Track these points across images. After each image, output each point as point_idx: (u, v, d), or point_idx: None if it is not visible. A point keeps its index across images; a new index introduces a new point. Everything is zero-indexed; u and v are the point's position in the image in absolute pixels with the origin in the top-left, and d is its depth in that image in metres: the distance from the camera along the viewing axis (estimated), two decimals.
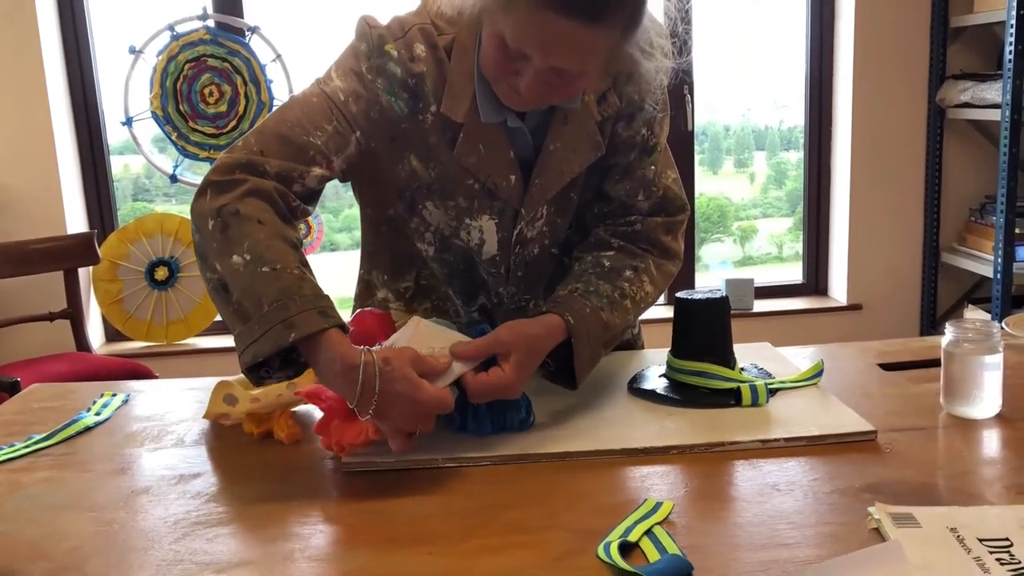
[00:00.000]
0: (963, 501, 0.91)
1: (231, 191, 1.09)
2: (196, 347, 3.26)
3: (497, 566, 0.84)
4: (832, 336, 3.34)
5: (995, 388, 1.13)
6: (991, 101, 2.99)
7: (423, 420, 1.03)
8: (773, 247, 3.91)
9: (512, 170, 1.21)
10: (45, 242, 2.86)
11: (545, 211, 1.27)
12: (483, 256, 1.29)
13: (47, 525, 0.95)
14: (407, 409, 1.01)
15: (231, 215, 1.07)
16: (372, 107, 1.19)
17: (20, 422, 1.28)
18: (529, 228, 1.27)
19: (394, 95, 1.18)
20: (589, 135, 1.22)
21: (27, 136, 3.02)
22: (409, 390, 1.00)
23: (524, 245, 1.29)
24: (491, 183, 1.21)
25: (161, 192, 3.60)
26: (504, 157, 1.21)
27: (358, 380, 0.99)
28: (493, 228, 1.26)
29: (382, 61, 1.17)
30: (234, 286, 1.05)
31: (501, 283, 1.33)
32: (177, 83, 3.08)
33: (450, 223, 1.27)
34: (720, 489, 0.97)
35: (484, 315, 1.36)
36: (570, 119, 1.21)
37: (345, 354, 1.00)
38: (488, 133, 1.19)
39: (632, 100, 1.24)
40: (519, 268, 1.31)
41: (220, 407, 1.18)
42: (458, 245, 1.29)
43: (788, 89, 3.58)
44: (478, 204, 1.24)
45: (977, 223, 3.28)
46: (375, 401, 0.99)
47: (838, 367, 1.36)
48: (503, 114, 1.18)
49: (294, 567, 0.85)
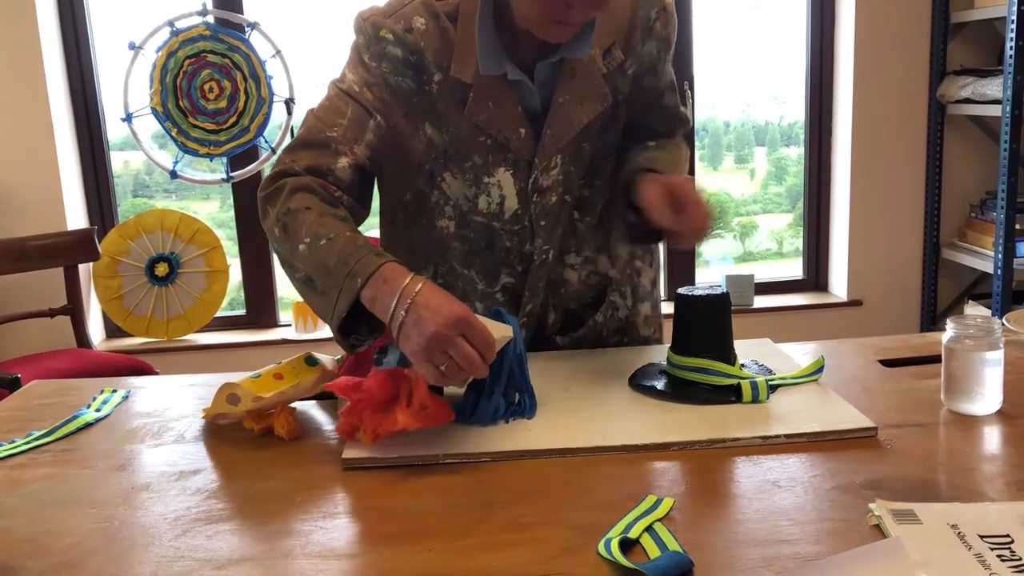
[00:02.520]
0: (964, 497, 0.91)
1: (278, 197, 1.22)
2: (197, 343, 3.26)
3: (497, 563, 0.83)
4: (832, 332, 3.34)
5: (996, 384, 1.13)
6: (992, 97, 2.99)
7: (472, 362, 1.04)
8: (773, 243, 3.91)
9: (521, 123, 1.28)
10: (45, 238, 2.86)
11: (559, 160, 1.32)
12: (505, 216, 1.34)
13: (47, 521, 0.95)
14: (456, 345, 1.03)
15: (286, 215, 1.20)
16: (384, 90, 1.28)
17: (20, 418, 1.28)
18: (544, 177, 1.32)
19: (400, 75, 1.27)
20: (596, 87, 1.30)
21: (27, 132, 3.02)
22: (464, 313, 1.04)
23: (541, 194, 1.34)
24: (502, 137, 1.28)
25: (161, 188, 3.59)
26: (513, 111, 1.27)
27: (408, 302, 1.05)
28: (510, 180, 1.32)
29: (380, 47, 1.27)
30: (308, 269, 1.16)
31: (527, 239, 1.36)
32: (177, 79, 3.08)
33: (468, 192, 1.33)
34: (721, 485, 0.97)
35: (506, 295, 1.40)
36: (577, 72, 1.28)
37: (401, 278, 1.07)
38: (496, 90, 1.26)
39: (652, 55, 1.35)
40: (540, 218, 1.35)
41: (222, 407, 1.17)
42: (478, 221, 1.35)
43: (788, 85, 3.58)
44: (492, 159, 1.31)
45: (977, 219, 3.28)
46: (425, 332, 1.02)
47: (838, 363, 1.36)
48: (503, 67, 1.24)
49: (294, 563, 0.85)
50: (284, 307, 3.47)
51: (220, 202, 3.60)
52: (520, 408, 1.16)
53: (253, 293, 3.42)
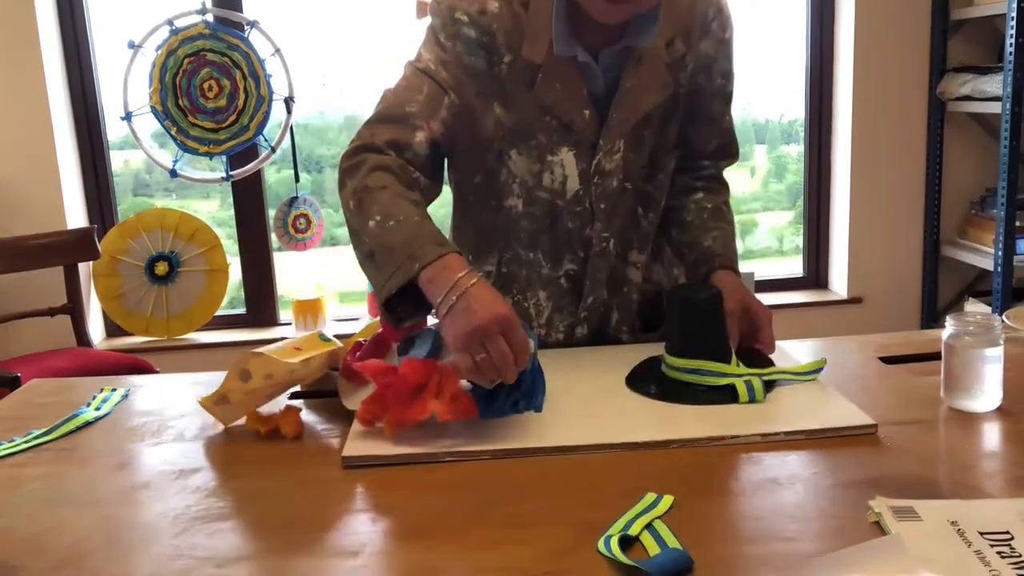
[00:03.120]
0: (964, 494, 0.91)
1: (358, 172, 1.26)
2: (197, 342, 3.26)
3: (497, 560, 0.83)
4: (832, 329, 3.34)
5: (996, 381, 1.13)
6: (991, 94, 2.99)
7: (506, 361, 1.07)
8: (773, 241, 3.91)
9: (586, 105, 1.32)
10: (45, 237, 2.86)
11: (621, 145, 1.36)
12: (567, 195, 1.38)
13: (47, 520, 0.95)
14: (496, 341, 1.06)
15: (362, 191, 1.24)
16: (458, 69, 1.32)
17: (20, 417, 1.28)
18: (607, 160, 1.36)
19: (472, 54, 1.32)
20: (660, 75, 1.34)
21: (27, 131, 3.02)
22: (508, 314, 1.08)
23: (603, 177, 1.37)
24: (567, 118, 1.33)
25: (161, 187, 3.59)
26: (578, 93, 1.32)
27: (459, 295, 1.09)
28: (573, 160, 1.36)
29: (456, 28, 1.31)
30: (373, 245, 1.20)
31: (587, 222, 1.40)
32: (176, 78, 3.08)
33: (533, 168, 1.37)
34: (721, 483, 0.97)
35: (569, 282, 1.44)
36: (644, 60, 1.32)
37: (460, 269, 1.11)
38: (564, 72, 1.30)
39: (709, 54, 1.39)
40: (600, 200, 1.39)
41: (233, 383, 1.16)
42: (542, 198, 1.39)
43: (788, 82, 3.58)
44: (556, 139, 1.34)
45: (977, 216, 3.28)
46: (471, 321, 1.06)
47: (838, 360, 1.36)
48: (575, 48, 1.29)
49: (294, 561, 0.85)
50: (284, 305, 3.47)
51: (220, 201, 3.60)
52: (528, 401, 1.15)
53: (253, 292, 3.42)
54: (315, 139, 3.63)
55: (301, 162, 3.28)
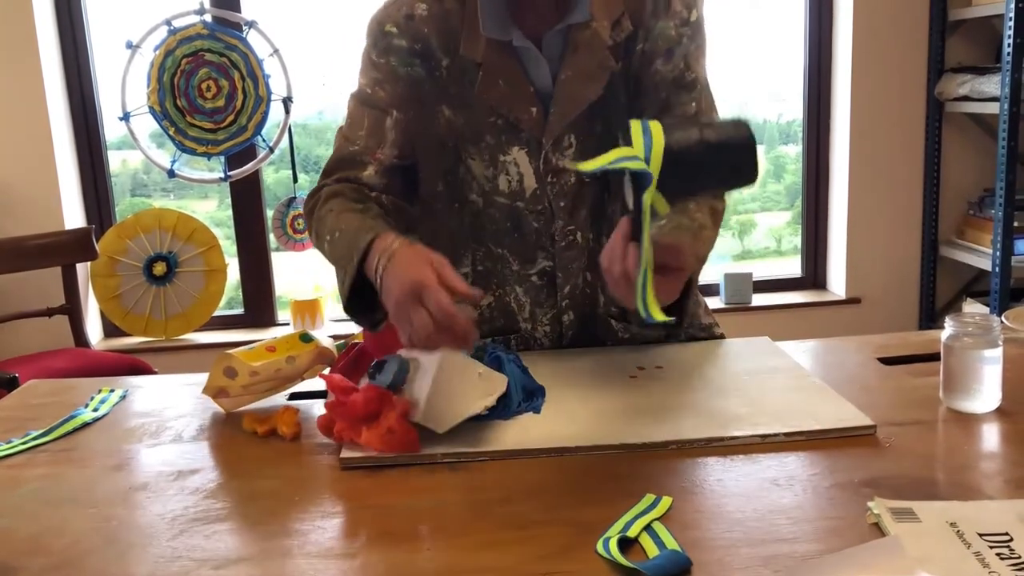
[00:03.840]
0: (963, 495, 0.91)
1: (313, 207, 1.32)
2: (195, 342, 3.26)
3: (495, 561, 0.83)
4: (831, 330, 3.34)
5: (995, 382, 1.13)
6: (990, 94, 2.99)
7: (427, 333, 1.05)
8: (772, 241, 3.91)
9: (532, 102, 1.27)
10: (43, 238, 2.86)
11: (573, 140, 1.31)
12: (526, 195, 1.34)
13: (45, 521, 0.95)
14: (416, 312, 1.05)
15: (316, 222, 1.30)
16: (396, 84, 1.30)
17: (18, 418, 1.27)
18: (557, 156, 1.31)
19: (408, 64, 1.29)
20: (600, 61, 1.26)
21: (24, 132, 3.01)
22: (419, 279, 1.06)
23: (557, 174, 1.32)
24: (513, 116, 1.28)
25: (159, 187, 3.59)
26: (523, 90, 1.27)
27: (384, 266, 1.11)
28: (526, 159, 1.32)
29: (386, 41, 1.29)
30: (333, 262, 1.24)
31: (549, 220, 1.35)
32: (174, 78, 3.07)
33: (487, 173, 1.33)
34: (719, 484, 0.97)
35: (544, 278, 1.39)
36: (580, 47, 1.25)
37: (385, 240, 1.14)
38: (505, 68, 1.26)
39: (668, 35, 1.28)
40: (559, 199, 1.34)
41: (220, 380, 1.19)
42: (500, 202, 1.35)
43: (786, 82, 3.58)
44: (505, 138, 1.30)
45: (975, 216, 3.28)
46: (391, 294, 1.07)
47: (837, 361, 1.36)
48: (508, 32, 1.24)
49: (292, 563, 0.85)
50: (282, 306, 3.47)
51: (218, 201, 3.60)
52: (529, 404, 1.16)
53: (251, 292, 3.41)
54: (313, 139, 3.63)
55: (299, 162, 3.28)
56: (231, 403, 1.24)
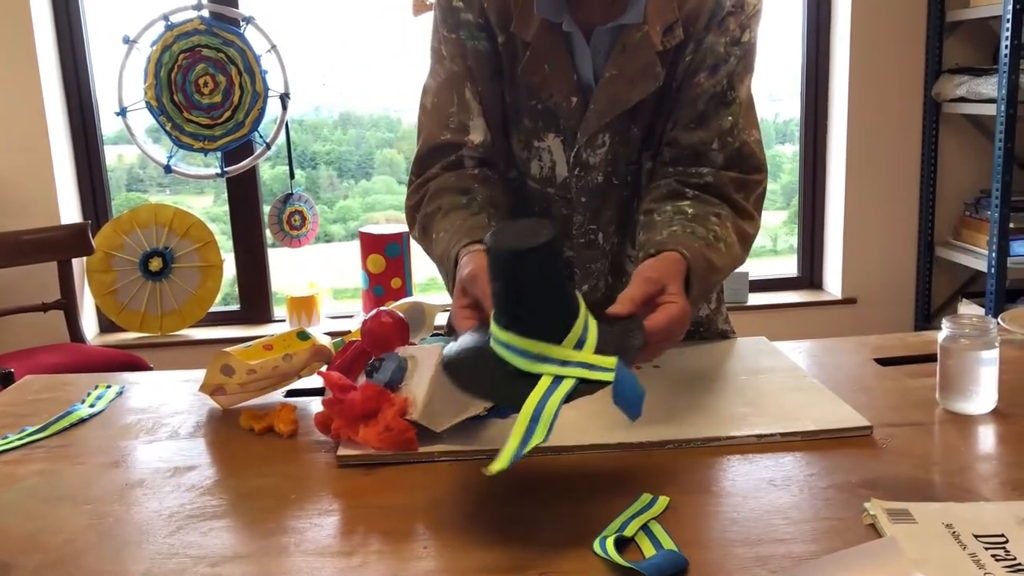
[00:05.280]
0: (959, 497, 0.91)
1: (422, 203, 1.32)
2: (191, 338, 3.25)
3: (491, 560, 0.83)
4: (826, 330, 3.35)
5: (991, 383, 1.13)
6: (987, 95, 2.99)
7: None
8: (768, 240, 3.92)
9: (574, 92, 1.27)
10: (38, 232, 2.85)
11: (607, 140, 1.31)
12: (557, 182, 1.35)
13: (41, 518, 0.95)
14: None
15: (424, 218, 1.31)
16: (467, 58, 1.31)
17: (13, 414, 1.27)
18: (589, 153, 1.31)
19: (475, 38, 1.30)
20: (647, 65, 1.24)
21: (21, 126, 3.01)
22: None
23: (586, 170, 1.33)
24: (552, 103, 1.29)
25: (155, 183, 3.59)
26: (567, 77, 1.27)
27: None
28: (560, 147, 1.32)
29: (455, 17, 1.30)
30: (436, 263, 1.28)
31: (573, 211, 1.36)
32: (172, 73, 3.07)
33: (521, 155, 1.35)
34: (716, 484, 0.97)
35: (567, 271, 1.38)
36: (628, 48, 1.24)
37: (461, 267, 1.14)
38: (553, 53, 1.26)
39: (717, 52, 1.26)
40: (581, 194, 1.34)
41: (217, 378, 1.19)
42: (532, 187, 1.37)
43: (784, 82, 3.58)
44: (543, 124, 1.31)
45: (972, 217, 3.29)
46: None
47: (834, 361, 1.36)
48: (560, 15, 1.23)
49: (289, 561, 0.85)
50: (278, 302, 3.46)
51: (214, 197, 3.59)
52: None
53: (247, 288, 3.41)
54: (310, 135, 3.62)
55: (296, 158, 3.28)
56: (228, 400, 1.24)
